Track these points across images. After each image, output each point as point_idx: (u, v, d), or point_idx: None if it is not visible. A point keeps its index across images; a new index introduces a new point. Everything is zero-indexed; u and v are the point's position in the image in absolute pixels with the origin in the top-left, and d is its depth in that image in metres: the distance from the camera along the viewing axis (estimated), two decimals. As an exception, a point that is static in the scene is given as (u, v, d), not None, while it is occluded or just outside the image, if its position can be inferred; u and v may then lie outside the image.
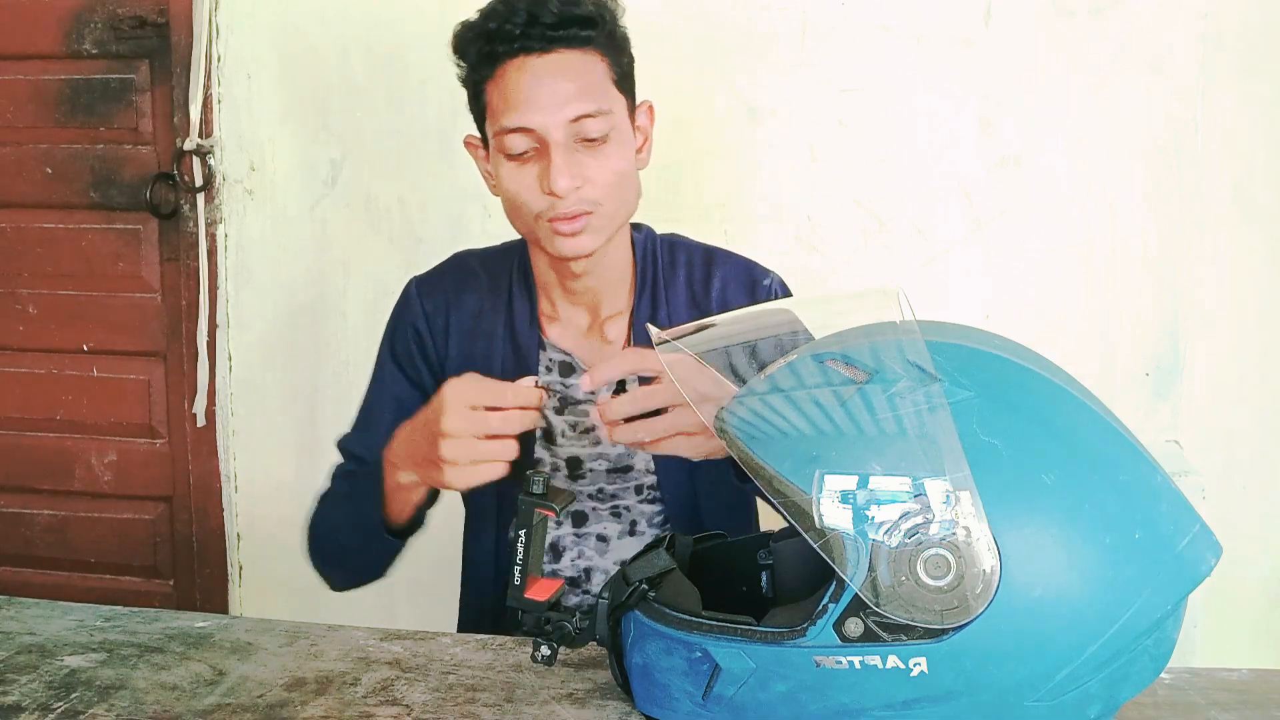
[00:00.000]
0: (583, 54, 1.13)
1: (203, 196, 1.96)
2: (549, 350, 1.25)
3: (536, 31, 1.10)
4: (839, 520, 0.73)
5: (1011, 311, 1.80)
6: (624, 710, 0.86)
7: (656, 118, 1.23)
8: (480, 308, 1.27)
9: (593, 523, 1.25)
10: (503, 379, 1.21)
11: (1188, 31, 1.73)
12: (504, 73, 1.12)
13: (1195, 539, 0.76)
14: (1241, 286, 1.78)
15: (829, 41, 1.78)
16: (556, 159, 1.10)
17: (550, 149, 1.11)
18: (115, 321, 2.04)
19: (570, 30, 1.11)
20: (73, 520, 2.11)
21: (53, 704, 0.87)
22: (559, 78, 1.11)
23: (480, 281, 1.28)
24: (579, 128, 1.11)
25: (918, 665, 0.73)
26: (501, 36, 1.11)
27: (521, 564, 0.86)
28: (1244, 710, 0.87)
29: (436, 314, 1.27)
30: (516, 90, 1.11)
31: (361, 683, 0.92)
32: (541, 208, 1.13)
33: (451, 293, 1.28)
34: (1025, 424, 0.76)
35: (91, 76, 1.98)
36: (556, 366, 1.25)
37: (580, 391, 1.23)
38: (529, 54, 1.11)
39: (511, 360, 1.24)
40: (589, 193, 1.12)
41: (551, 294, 1.25)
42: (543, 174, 1.11)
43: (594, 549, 1.25)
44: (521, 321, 1.25)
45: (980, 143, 1.78)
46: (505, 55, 1.12)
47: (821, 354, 0.81)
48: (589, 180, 1.12)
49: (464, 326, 1.27)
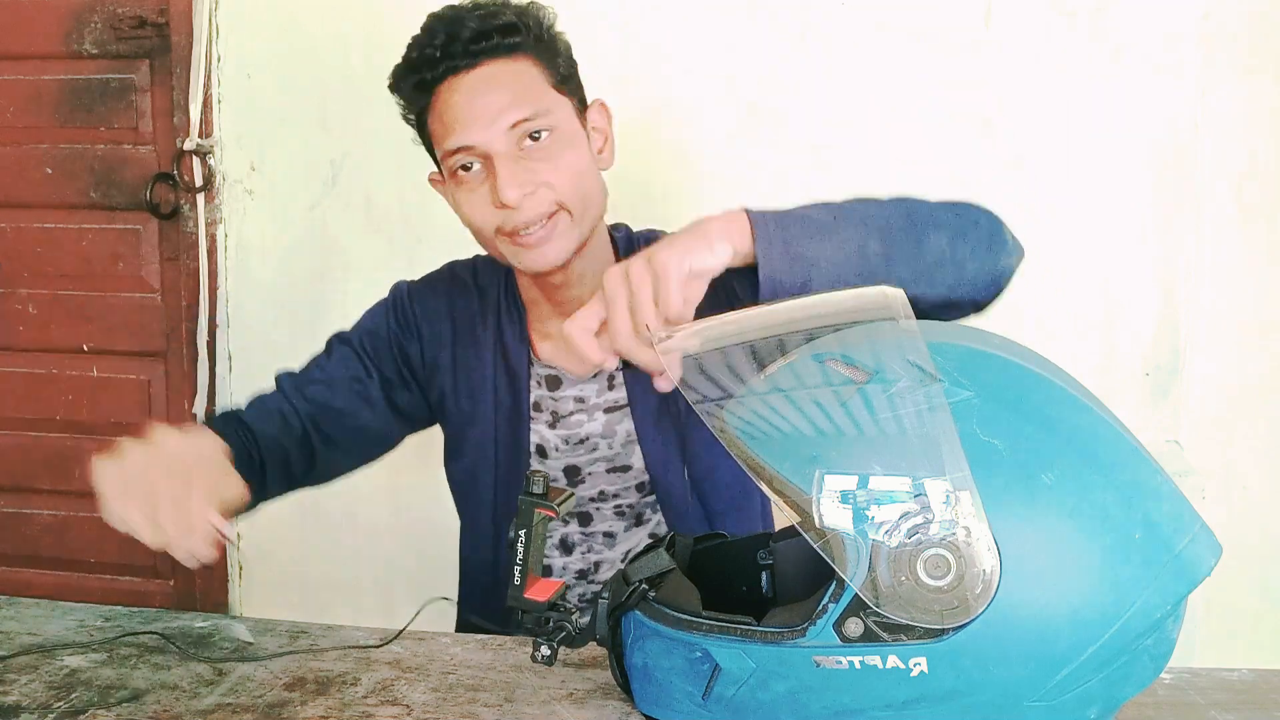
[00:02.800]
0: (512, 61, 1.12)
1: (203, 196, 1.96)
2: (537, 366, 1.24)
3: (457, 49, 1.10)
4: (839, 520, 0.73)
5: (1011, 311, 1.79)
6: (624, 710, 0.86)
7: (656, 118, 1.22)
8: (475, 322, 1.26)
9: (598, 522, 1.25)
10: (494, 395, 1.24)
11: (1188, 31, 1.73)
12: (437, 97, 1.12)
13: (1195, 539, 0.76)
14: (1241, 286, 1.78)
15: (829, 41, 1.78)
16: (502, 171, 1.09)
17: (495, 162, 1.09)
18: (115, 321, 2.04)
19: (492, 41, 1.10)
20: (73, 520, 2.11)
21: (53, 704, 0.87)
22: (490, 89, 1.10)
23: (473, 294, 1.27)
24: (520, 132, 1.10)
25: (918, 665, 0.73)
26: (425, 62, 1.11)
27: (521, 564, 0.86)
28: (1244, 710, 0.87)
29: (426, 323, 1.26)
30: (450, 111, 1.11)
31: (361, 683, 0.92)
32: (499, 221, 1.11)
33: (444, 303, 1.27)
34: (1025, 424, 0.76)
35: (91, 76, 1.99)
36: (545, 381, 1.24)
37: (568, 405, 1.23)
38: (456, 73, 1.11)
39: (504, 378, 1.24)
40: (547, 195, 1.10)
41: (539, 309, 1.24)
42: (493, 189, 1.10)
43: (602, 543, 1.26)
44: (511, 338, 1.24)
45: (980, 143, 1.78)
46: (434, 81, 1.12)
47: (821, 354, 0.81)
48: (544, 183, 1.10)
49: (457, 338, 1.26)
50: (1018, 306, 1.80)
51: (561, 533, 1.26)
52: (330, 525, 1.98)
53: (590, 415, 1.23)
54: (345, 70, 1.90)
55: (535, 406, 1.24)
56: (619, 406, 1.23)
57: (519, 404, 1.24)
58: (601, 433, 1.23)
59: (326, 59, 1.91)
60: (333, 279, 1.96)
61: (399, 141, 1.91)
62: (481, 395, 1.25)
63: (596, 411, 1.23)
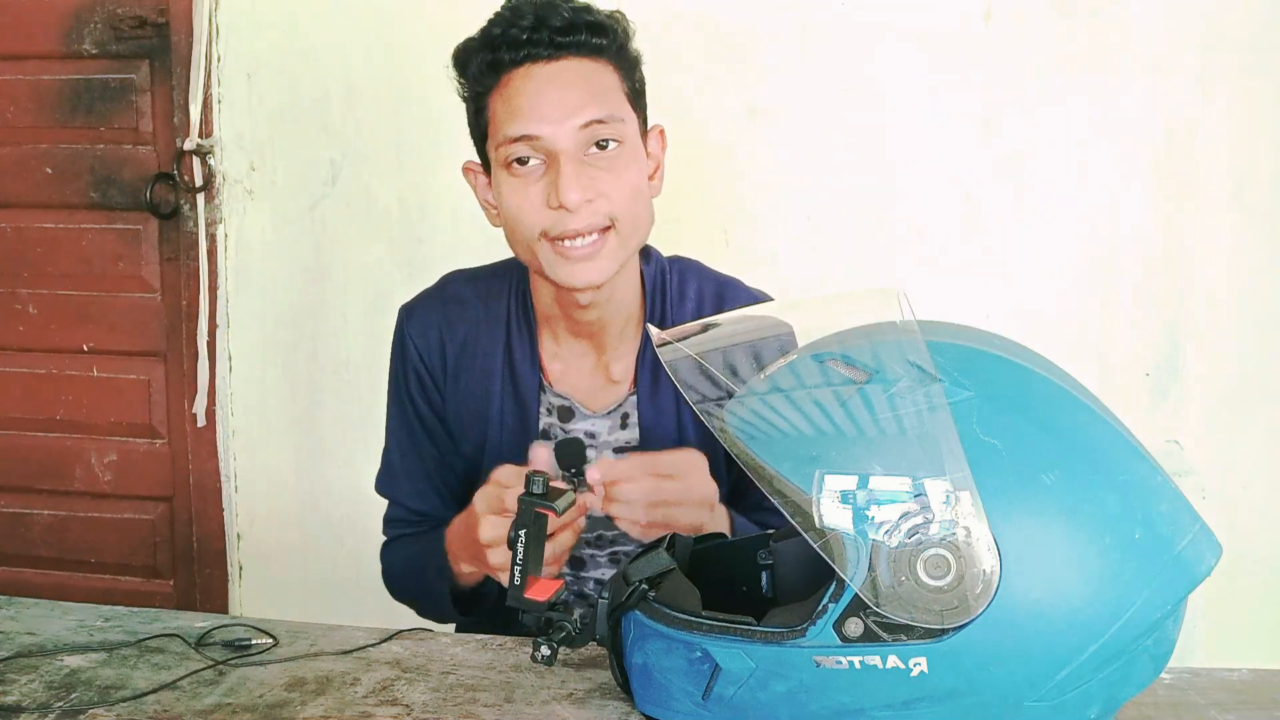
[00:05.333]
0: (593, 62, 1.06)
1: (203, 196, 1.96)
2: (548, 394, 1.18)
3: (544, 36, 1.04)
4: (839, 520, 0.73)
5: (1011, 311, 1.80)
6: (624, 710, 0.86)
7: (656, 119, 1.19)
8: (476, 344, 1.19)
9: (590, 568, 1.21)
10: (501, 423, 1.17)
11: (1188, 31, 1.73)
12: (508, 81, 1.06)
13: (1195, 539, 0.76)
14: (1241, 286, 1.78)
15: (829, 41, 1.78)
16: (566, 170, 1.03)
17: (559, 159, 1.03)
18: (115, 321, 2.04)
19: (580, 36, 1.05)
20: (73, 520, 2.11)
21: (53, 704, 0.87)
22: (568, 85, 1.04)
23: (473, 311, 1.20)
24: (590, 135, 1.04)
25: (918, 665, 0.73)
26: (507, 42, 1.05)
27: (521, 564, 0.86)
28: (1244, 710, 0.87)
29: (430, 353, 1.20)
30: (521, 97, 1.04)
31: (361, 683, 0.92)
32: (547, 224, 1.04)
33: (444, 327, 1.20)
34: (1025, 424, 0.76)
35: (91, 76, 1.99)
36: (556, 411, 1.18)
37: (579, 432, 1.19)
38: (535, 61, 1.05)
39: (511, 403, 1.18)
40: (604, 206, 1.04)
41: (554, 328, 1.17)
42: (550, 188, 1.03)
43: (591, 589, 1.21)
44: (521, 360, 1.17)
45: (980, 143, 1.78)
46: (510, 64, 1.05)
47: (822, 354, 0.81)
48: (603, 194, 1.04)
49: (460, 364, 1.19)
50: (1018, 306, 1.81)
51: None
52: (330, 525, 1.98)
53: (599, 452, 1.17)
54: (345, 70, 1.90)
55: (543, 434, 1.19)
56: (630, 448, 1.17)
57: (526, 431, 1.18)
58: None
59: (326, 59, 1.91)
60: (333, 279, 1.96)
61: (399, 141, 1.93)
62: (488, 420, 1.19)
63: (606, 450, 1.18)
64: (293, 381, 1.99)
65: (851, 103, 1.79)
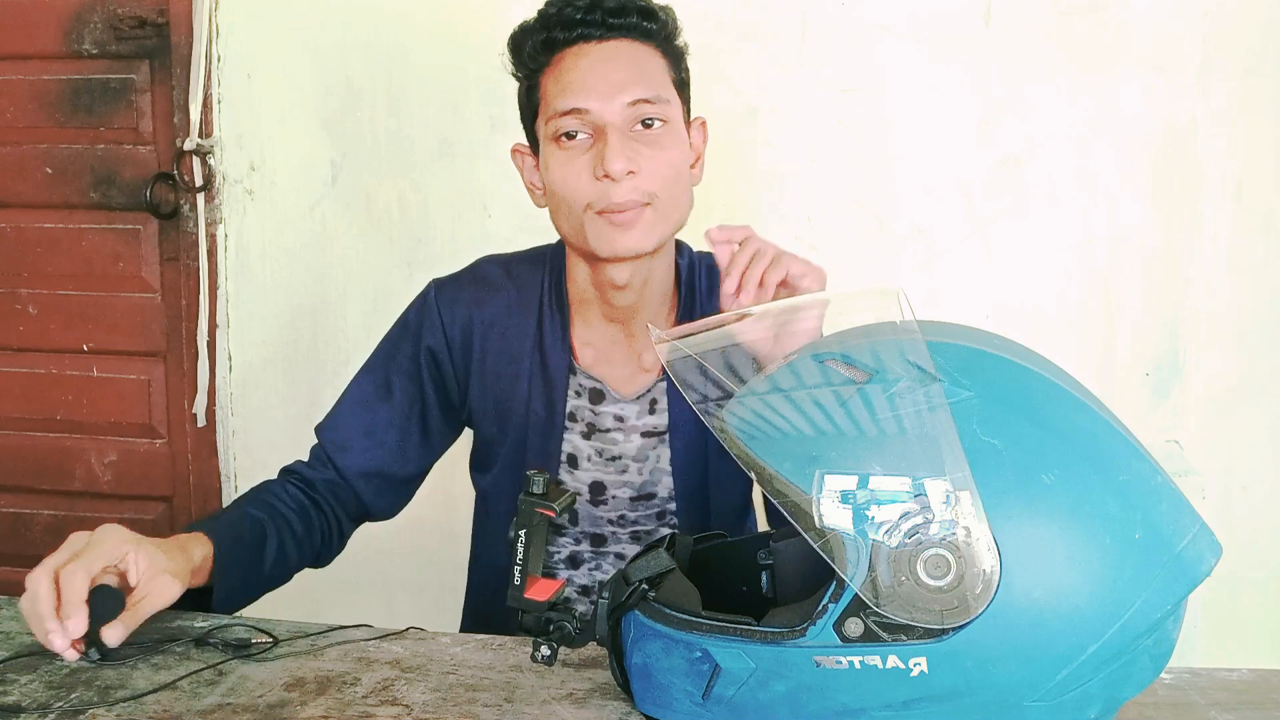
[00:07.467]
0: (643, 45, 1.13)
1: (203, 196, 1.96)
2: (579, 375, 1.20)
3: (597, 18, 1.10)
4: (839, 520, 0.73)
5: (1011, 311, 1.80)
6: (624, 710, 0.86)
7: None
8: (507, 324, 1.21)
9: (611, 543, 1.23)
10: (529, 401, 1.20)
11: (1188, 31, 1.73)
12: (561, 59, 1.12)
13: (1195, 539, 0.76)
14: (1241, 286, 1.78)
15: (829, 41, 1.78)
16: (613, 140, 1.08)
17: (606, 132, 1.08)
18: (115, 321, 2.04)
19: (631, 19, 1.11)
20: (73, 520, 2.11)
21: (53, 704, 0.87)
22: (618, 64, 1.10)
23: (507, 294, 1.22)
24: (636, 113, 1.09)
25: (918, 665, 0.73)
26: (561, 22, 1.11)
27: (521, 564, 0.86)
28: (1244, 710, 0.87)
29: (456, 327, 1.21)
30: (573, 73, 1.10)
31: (361, 683, 0.92)
32: (592, 197, 1.09)
33: (475, 305, 1.22)
34: (1025, 424, 0.76)
35: (91, 76, 1.98)
36: (586, 393, 1.20)
37: (607, 421, 1.20)
38: (588, 41, 1.11)
39: (540, 383, 1.20)
40: (644, 183, 1.09)
41: (587, 312, 1.20)
42: (596, 160, 1.08)
43: (611, 564, 1.24)
44: (552, 342, 1.20)
45: (980, 143, 1.78)
46: (564, 43, 1.11)
47: (821, 354, 0.81)
48: (644, 170, 1.09)
49: (487, 344, 1.21)
50: (1018, 306, 1.81)
51: (571, 550, 1.24)
52: (330, 525, 1.98)
53: (627, 435, 1.20)
54: (345, 70, 1.90)
55: (570, 416, 1.20)
56: (657, 432, 1.20)
57: (554, 414, 1.20)
58: (635, 455, 1.20)
59: (326, 59, 1.91)
60: (333, 279, 1.96)
61: (399, 141, 1.92)
62: (514, 402, 1.21)
63: (634, 434, 1.20)
64: (293, 381, 1.99)
65: (851, 103, 1.79)
